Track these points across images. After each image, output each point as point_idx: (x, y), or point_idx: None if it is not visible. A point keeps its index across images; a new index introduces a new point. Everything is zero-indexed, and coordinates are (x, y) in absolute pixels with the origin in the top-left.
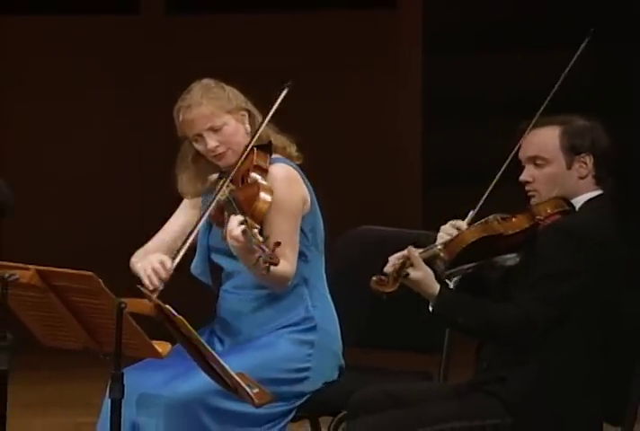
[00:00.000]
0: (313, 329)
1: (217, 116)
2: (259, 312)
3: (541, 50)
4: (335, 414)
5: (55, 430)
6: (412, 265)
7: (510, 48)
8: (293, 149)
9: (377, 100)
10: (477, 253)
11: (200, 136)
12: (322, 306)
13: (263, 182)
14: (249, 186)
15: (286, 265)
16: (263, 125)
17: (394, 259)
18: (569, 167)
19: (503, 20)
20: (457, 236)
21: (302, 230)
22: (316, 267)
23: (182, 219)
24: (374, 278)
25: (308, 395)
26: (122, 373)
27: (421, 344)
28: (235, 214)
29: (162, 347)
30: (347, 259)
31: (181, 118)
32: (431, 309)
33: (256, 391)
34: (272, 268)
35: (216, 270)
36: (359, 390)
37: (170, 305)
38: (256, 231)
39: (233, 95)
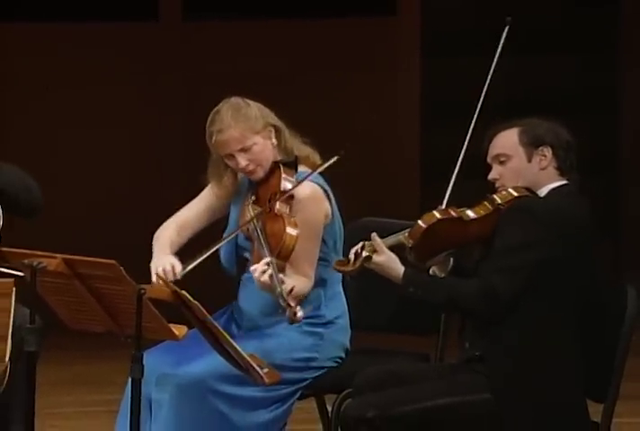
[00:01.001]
0: (322, 323)
1: (247, 137)
2: (273, 302)
3: (528, 54)
4: (340, 392)
5: (81, 407)
6: (375, 251)
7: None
8: (317, 157)
9: (378, 100)
10: (445, 239)
11: (232, 155)
12: (334, 304)
13: (288, 215)
14: (275, 217)
15: (305, 282)
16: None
17: (360, 244)
18: (529, 160)
19: (496, 26)
20: (417, 221)
21: (323, 239)
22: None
23: (201, 206)
24: (336, 260)
25: (310, 380)
26: (142, 355)
27: (419, 327)
28: (260, 243)
29: (179, 330)
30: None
31: (213, 140)
32: (400, 285)
33: (266, 370)
34: (299, 316)
35: (240, 261)
36: (362, 370)
37: (187, 291)
38: (282, 276)
39: (259, 113)
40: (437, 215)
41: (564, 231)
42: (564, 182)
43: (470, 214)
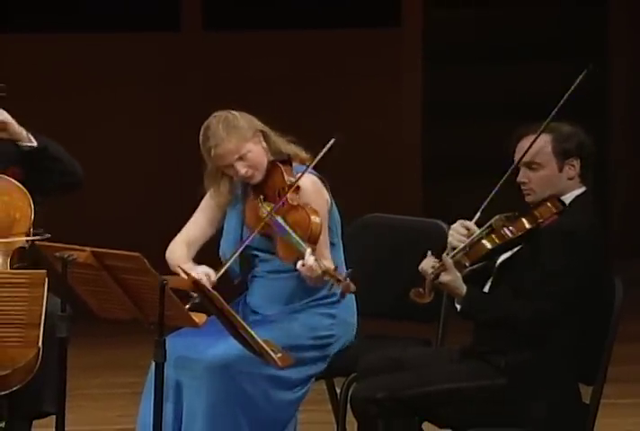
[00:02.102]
0: (334, 303)
1: (242, 147)
2: (289, 292)
3: (527, 62)
4: (347, 375)
5: (109, 389)
6: (444, 270)
7: (500, 61)
8: (303, 153)
9: (383, 104)
10: (492, 254)
11: (231, 165)
12: None
13: (305, 204)
14: (294, 208)
15: (330, 263)
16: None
17: (428, 269)
18: (560, 170)
19: (494, 36)
20: (476, 245)
21: (329, 227)
22: (340, 251)
23: (202, 218)
24: (413, 291)
25: (328, 358)
26: (164, 340)
27: (421, 314)
28: (289, 235)
29: (198, 317)
30: (359, 243)
31: (212, 154)
32: (458, 307)
33: (279, 355)
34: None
35: (244, 259)
36: (367, 354)
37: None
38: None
39: (247, 121)
40: (496, 239)
41: (597, 252)
42: (584, 189)
43: (516, 232)
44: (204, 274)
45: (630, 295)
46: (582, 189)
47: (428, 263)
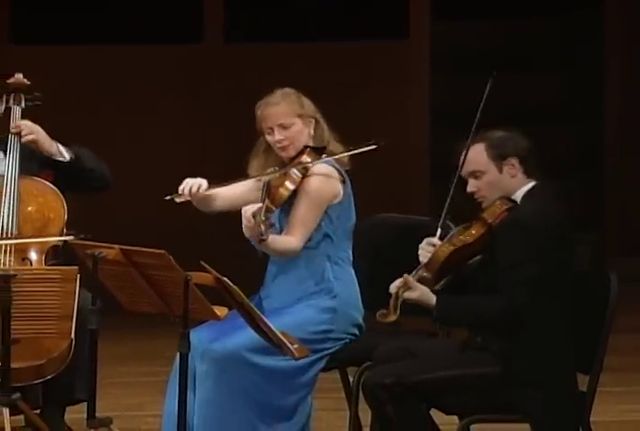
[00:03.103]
0: (333, 298)
1: (288, 116)
2: (285, 279)
3: (528, 71)
4: (360, 364)
5: (136, 378)
6: (409, 288)
7: (502, 69)
8: (346, 158)
9: (393, 111)
10: (454, 264)
11: (271, 129)
12: (343, 279)
13: (295, 176)
14: (284, 175)
15: (291, 240)
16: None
17: (393, 289)
18: (500, 172)
19: (496, 45)
20: (432, 256)
21: (329, 217)
22: (340, 247)
23: (242, 189)
24: (378, 313)
25: (330, 351)
26: (188, 332)
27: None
28: (262, 196)
29: (220, 311)
30: (368, 240)
31: (259, 112)
32: (434, 316)
33: (296, 346)
34: (268, 242)
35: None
36: (379, 345)
37: (227, 277)
38: (269, 215)
39: (306, 104)
40: (449, 246)
41: (552, 234)
42: (533, 183)
43: (469, 238)
44: (198, 182)
45: (624, 291)
46: (530, 184)
47: (394, 284)
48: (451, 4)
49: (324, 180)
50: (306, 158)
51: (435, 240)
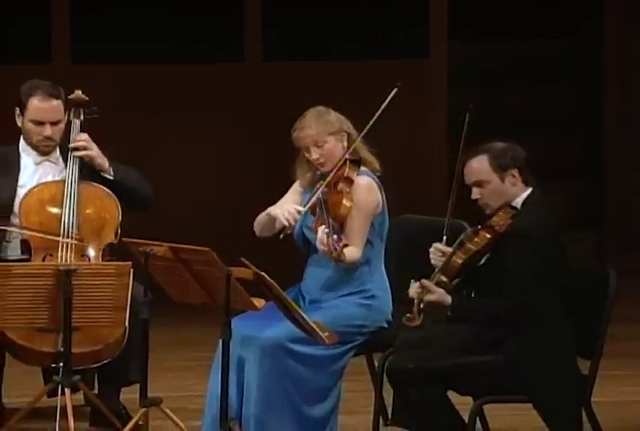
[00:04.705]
0: (370, 296)
1: (321, 136)
2: (330, 280)
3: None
4: (384, 350)
5: (182, 362)
6: (428, 291)
7: (515, 84)
8: (377, 165)
9: (414, 125)
10: (466, 266)
11: (307, 148)
12: (378, 280)
13: (347, 192)
14: (337, 193)
15: (355, 250)
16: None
17: (414, 295)
18: (502, 181)
19: (508, 63)
20: (448, 262)
21: (372, 224)
22: (378, 251)
23: (290, 199)
24: (404, 318)
25: (360, 341)
26: (230, 321)
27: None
28: (323, 213)
29: (258, 302)
30: (394, 239)
31: (294, 135)
32: (448, 314)
33: (326, 334)
34: (342, 257)
35: (307, 240)
36: (402, 333)
37: (265, 272)
38: (335, 237)
39: (337, 120)
40: (464, 254)
41: (551, 240)
42: (530, 190)
43: (479, 246)
44: (292, 207)
45: (622, 285)
46: (528, 191)
47: (413, 289)
48: (467, 26)
49: (369, 192)
50: (348, 171)
51: (441, 246)
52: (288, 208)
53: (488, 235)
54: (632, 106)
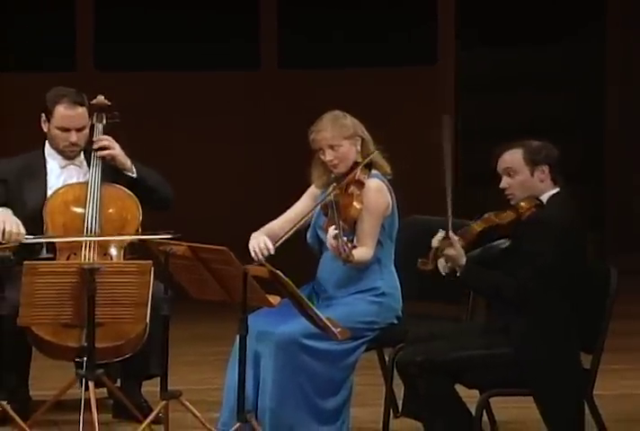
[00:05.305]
0: (380, 294)
1: (336, 139)
2: (342, 278)
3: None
4: (395, 346)
5: (201, 356)
6: (450, 244)
7: (519, 91)
8: (388, 168)
9: (422, 127)
10: (482, 237)
11: (322, 150)
12: (388, 278)
13: (358, 194)
14: (348, 195)
15: (365, 251)
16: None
17: (435, 242)
18: (532, 175)
19: (514, 71)
20: (469, 228)
21: (382, 225)
22: (388, 251)
23: (304, 203)
24: (419, 261)
25: (371, 337)
26: (247, 317)
27: (453, 296)
28: (334, 215)
29: (274, 299)
30: (403, 239)
31: (311, 137)
32: (458, 274)
33: (339, 329)
34: (351, 258)
35: (320, 240)
36: (411, 328)
37: (280, 270)
38: (345, 239)
39: (352, 124)
40: (485, 223)
41: (570, 235)
42: (557, 190)
43: (500, 220)
44: (263, 242)
45: (623, 282)
46: (555, 190)
47: (436, 238)
48: (475, 33)
49: (379, 195)
50: (359, 174)
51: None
52: (260, 243)
53: (512, 214)
54: (633, 106)
